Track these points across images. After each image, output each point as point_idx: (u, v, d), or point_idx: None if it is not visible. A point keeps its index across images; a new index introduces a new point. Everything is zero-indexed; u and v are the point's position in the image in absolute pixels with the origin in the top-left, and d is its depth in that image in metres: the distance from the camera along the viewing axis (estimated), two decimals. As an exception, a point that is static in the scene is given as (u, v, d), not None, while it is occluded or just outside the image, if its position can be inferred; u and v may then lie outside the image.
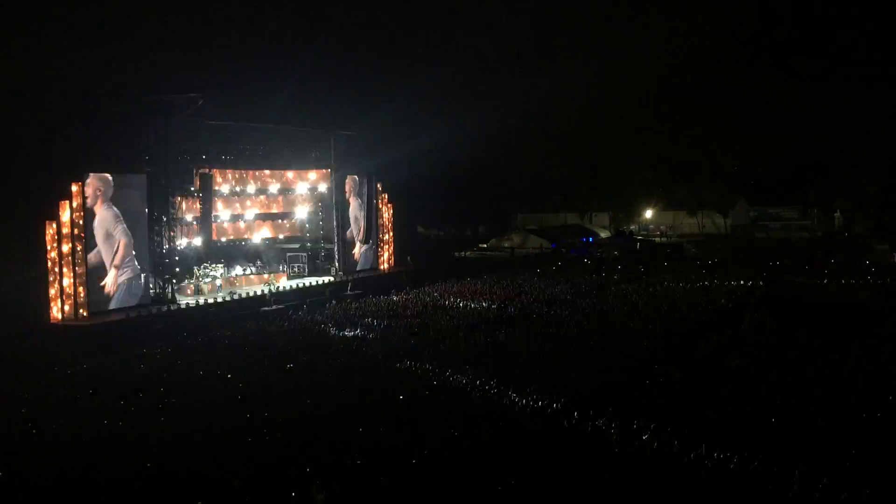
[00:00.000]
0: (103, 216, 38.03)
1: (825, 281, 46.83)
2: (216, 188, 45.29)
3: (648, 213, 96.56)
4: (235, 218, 48.13)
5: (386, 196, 56.66)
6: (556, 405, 21.04)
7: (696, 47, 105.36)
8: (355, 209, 53.33)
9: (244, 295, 43.17)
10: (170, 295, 40.86)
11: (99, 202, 37.82)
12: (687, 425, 19.01)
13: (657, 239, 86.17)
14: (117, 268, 38.51)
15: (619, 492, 15.81)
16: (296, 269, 50.20)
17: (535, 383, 23.14)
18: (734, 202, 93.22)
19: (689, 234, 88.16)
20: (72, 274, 36.46)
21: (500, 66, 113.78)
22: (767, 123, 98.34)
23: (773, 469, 16.25)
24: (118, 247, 38.59)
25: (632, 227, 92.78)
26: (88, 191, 37.31)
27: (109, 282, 38.26)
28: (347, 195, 52.75)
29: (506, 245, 79.11)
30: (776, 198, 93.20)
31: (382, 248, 56.24)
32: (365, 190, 53.79)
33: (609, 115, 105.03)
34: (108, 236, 38.25)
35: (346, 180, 52.63)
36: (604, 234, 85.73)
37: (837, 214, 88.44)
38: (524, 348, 29.25)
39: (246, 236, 49.19)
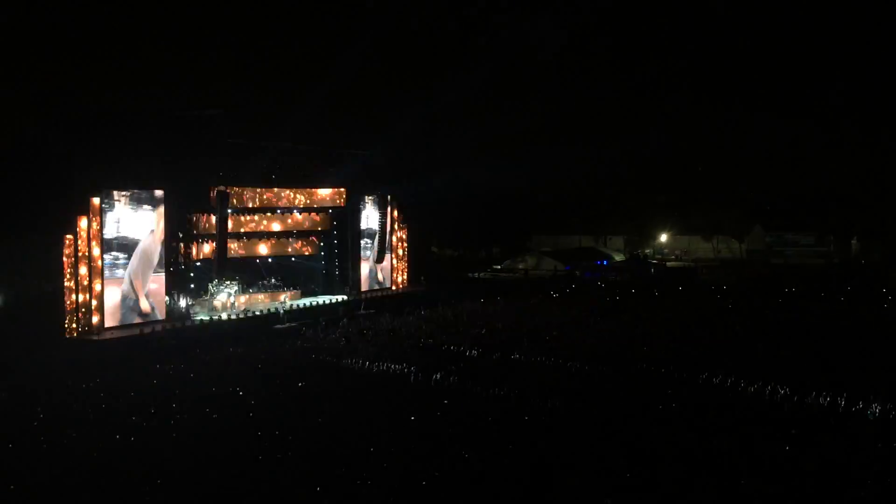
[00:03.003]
0: (121, 232, 38.38)
1: (841, 308, 46.30)
2: (232, 205, 45.55)
3: (663, 237, 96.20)
4: (251, 235, 48.34)
5: (401, 216, 56.78)
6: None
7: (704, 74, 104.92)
8: (370, 228, 53.47)
9: (258, 312, 43.34)
10: (184, 311, 41.09)
11: (116, 217, 38.20)
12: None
13: (670, 263, 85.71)
14: (133, 283, 38.77)
15: None
16: (310, 288, 50.32)
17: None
18: (750, 227, 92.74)
19: (705, 259, 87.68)
20: (88, 288, 36.80)
21: (519, 86, 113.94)
22: (784, 149, 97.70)
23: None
24: (135, 263, 38.89)
25: (646, 251, 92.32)
26: (106, 206, 37.72)
27: (126, 297, 38.53)
28: (362, 214, 52.97)
29: (520, 267, 79.06)
30: (792, 223, 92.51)
31: (396, 267, 56.28)
32: (380, 209, 53.95)
33: (626, 138, 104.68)
34: (125, 252, 38.56)
35: (362, 199, 52.87)
36: (618, 258, 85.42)
37: (854, 241, 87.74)
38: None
39: (261, 253, 49.39)
